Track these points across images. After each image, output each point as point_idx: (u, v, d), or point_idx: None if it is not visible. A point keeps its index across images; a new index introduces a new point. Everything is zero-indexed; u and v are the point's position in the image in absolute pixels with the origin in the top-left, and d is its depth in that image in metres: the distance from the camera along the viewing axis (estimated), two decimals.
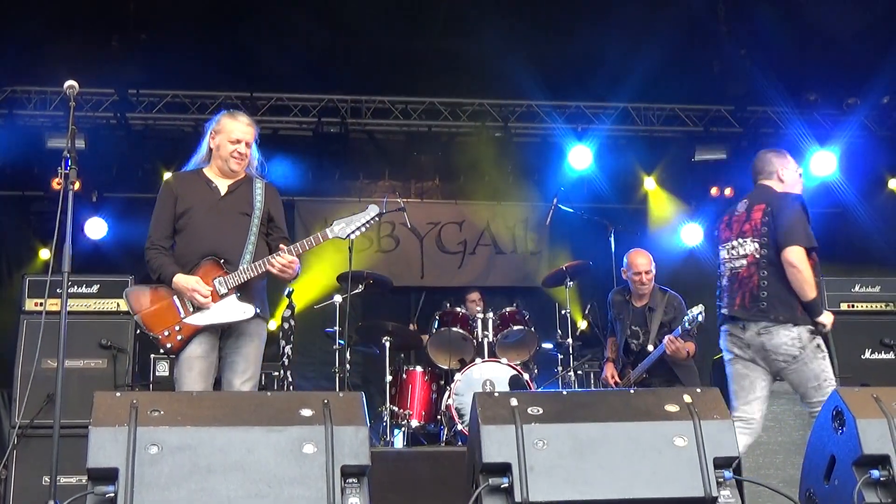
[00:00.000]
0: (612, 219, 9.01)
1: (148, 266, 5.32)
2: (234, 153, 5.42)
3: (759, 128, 11.45)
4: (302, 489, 3.59)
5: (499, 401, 3.98)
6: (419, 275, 11.82)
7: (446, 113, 11.28)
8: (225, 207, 5.40)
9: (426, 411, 8.71)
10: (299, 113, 11.04)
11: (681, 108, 11.41)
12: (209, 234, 5.31)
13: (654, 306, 7.56)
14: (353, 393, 4.07)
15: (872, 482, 3.98)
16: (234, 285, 5.23)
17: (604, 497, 3.78)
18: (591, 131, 11.20)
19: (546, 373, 9.39)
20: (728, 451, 3.94)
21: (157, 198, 5.47)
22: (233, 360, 5.28)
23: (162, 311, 5.22)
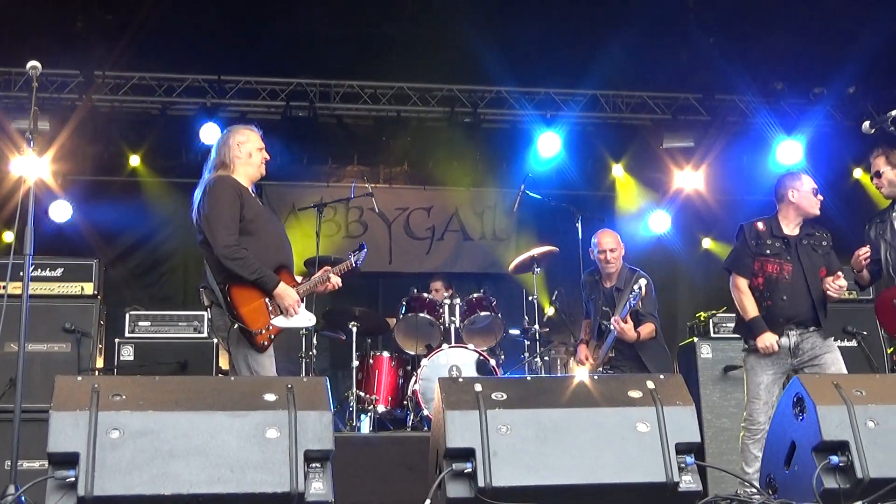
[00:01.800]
0: (580, 206, 9.02)
1: (238, 262, 5.35)
2: (262, 159, 5.75)
3: (727, 116, 11.50)
4: (265, 474, 3.59)
5: (463, 386, 4.00)
6: (387, 260, 11.80)
7: (416, 98, 11.24)
8: (272, 219, 5.83)
9: (392, 396, 8.72)
10: (267, 97, 10.96)
11: (649, 95, 11.44)
12: (276, 244, 5.62)
13: (622, 286, 7.51)
14: (317, 378, 4.07)
15: (831, 468, 4.03)
16: (305, 294, 5.62)
17: (566, 482, 3.80)
18: (560, 118, 11.19)
19: (513, 359, 9.41)
20: (690, 436, 3.97)
21: (223, 195, 5.47)
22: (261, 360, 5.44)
23: (258, 310, 5.41)
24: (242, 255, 5.36)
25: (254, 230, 5.48)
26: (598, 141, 11.78)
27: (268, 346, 5.38)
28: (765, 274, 6.29)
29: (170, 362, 7.78)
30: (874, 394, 4.22)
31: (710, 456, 7.76)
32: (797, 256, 6.28)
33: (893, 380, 5.25)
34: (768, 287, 6.27)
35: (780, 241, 6.34)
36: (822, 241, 6.43)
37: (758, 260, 6.34)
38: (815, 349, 6.17)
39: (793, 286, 6.23)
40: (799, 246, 6.33)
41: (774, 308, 6.23)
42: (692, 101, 11.45)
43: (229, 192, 5.47)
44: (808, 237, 6.39)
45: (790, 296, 6.21)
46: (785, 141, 11.14)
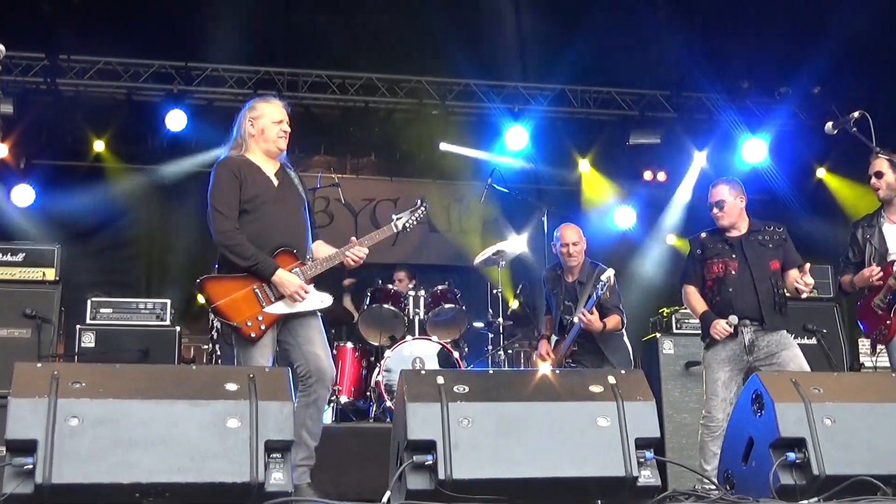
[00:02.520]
0: (546, 200, 9.07)
1: (233, 248, 5.20)
2: (280, 133, 5.44)
3: (694, 114, 11.59)
4: (225, 463, 3.57)
5: (425, 378, 4.00)
6: None
7: (384, 89, 11.23)
8: (284, 198, 5.43)
9: (356, 387, 8.71)
10: (235, 84, 10.90)
11: (617, 91, 11.49)
12: (278, 224, 5.34)
13: (584, 280, 7.48)
14: (279, 368, 4.07)
15: (788, 464, 4.07)
16: (313, 276, 5.34)
17: (527, 476, 3.81)
18: (528, 112, 11.23)
19: (476, 351, 9.43)
20: (649, 432, 3.99)
21: (220, 178, 5.32)
22: (308, 334, 5.33)
23: (241, 300, 5.21)
24: (236, 241, 5.21)
25: (252, 210, 5.28)
26: (565, 135, 11.82)
27: (259, 337, 5.18)
28: (712, 275, 6.44)
29: (131, 350, 7.73)
30: (832, 392, 4.26)
31: (671, 451, 7.82)
32: (742, 252, 6.38)
33: (851, 378, 5.33)
34: (716, 285, 6.41)
35: (722, 243, 6.47)
36: (775, 236, 6.48)
37: (705, 265, 6.50)
38: (770, 346, 6.21)
39: (739, 280, 6.32)
40: (744, 242, 6.42)
41: (723, 302, 6.33)
42: (659, 97, 11.53)
43: (225, 175, 5.31)
44: (756, 233, 6.47)
45: (736, 288, 6.31)
46: (750, 139, 11.24)
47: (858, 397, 4.27)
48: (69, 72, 10.54)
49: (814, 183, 11.97)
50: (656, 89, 11.48)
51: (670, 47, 10.28)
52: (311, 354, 5.28)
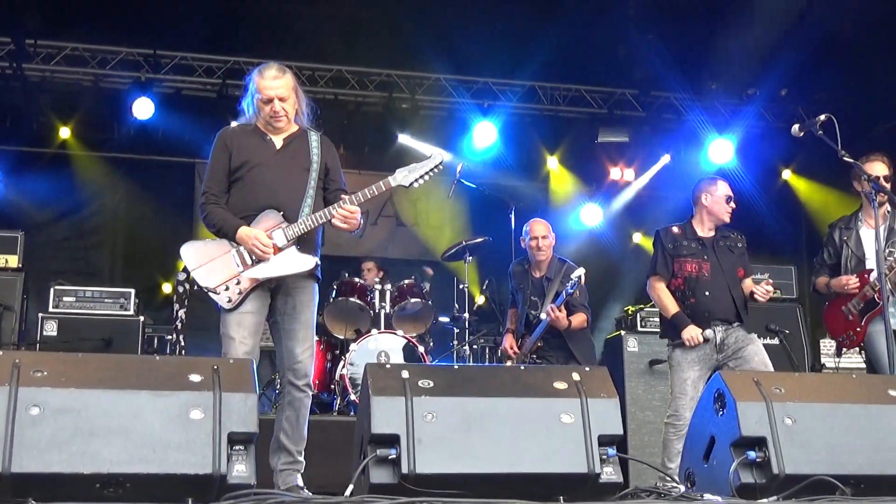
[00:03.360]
0: (514, 196, 9.08)
1: (205, 220, 5.17)
2: (271, 113, 5.19)
3: (662, 113, 11.66)
4: (187, 455, 3.54)
5: (390, 372, 3.99)
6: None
7: (353, 82, 11.21)
8: (282, 161, 5.22)
9: (320, 380, 8.69)
10: (203, 73, 10.84)
11: (586, 89, 11.54)
12: (267, 187, 5.15)
13: (552, 276, 7.45)
14: (244, 359, 4.04)
15: (749, 463, 4.09)
16: (295, 236, 5.09)
17: (490, 471, 3.82)
18: (497, 108, 11.25)
19: (442, 346, 9.46)
20: (613, 429, 4.00)
21: (212, 151, 5.28)
22: (292, 327, 5.18)
23: (219, 265, 5.09)
24: (207, 212, 5.14)
25: (243, 176, 5.16)
26: (533, 132, 11.85)
27: (235, 305, 5.03)
28: (684, 274, 6.43)
29: (94, 339, 7.68)
30: (793, 391, 4.29)
31: (633, 448, 7.86)
32: (715, 255, 6.42)
33: (812, 378, 5.36)
34: (689, 286, 6.40)
35: (695, 242, 6.48)
36: (738, 244, 6.56)
37: (676, 261, 6.47)
38: (737, 342, 6.29)
39: (713, 283, 6.35)
40: (716, 246, 6.47)
41: (698, 305, 6.34)
42: (628, 96, 11.59)
43: (216, 146, 5.25)
44: (724, 238, 6.52)
45: (712, 292, 6.34)
46: (717, 140, 11.33)
47: (819, 397, 4.30)
48: (35, 57, 10.43)
49: (779, 184, 12.08)
50: (625, 88, 11.54)
51: (640, 47, 10.33)
52: (288, 351, 5.18)
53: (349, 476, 4.00)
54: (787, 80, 10.85)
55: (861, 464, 4.14)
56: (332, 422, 7.71)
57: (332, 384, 8.61)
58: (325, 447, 6.44)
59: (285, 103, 5.20)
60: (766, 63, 10.45)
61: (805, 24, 9.24)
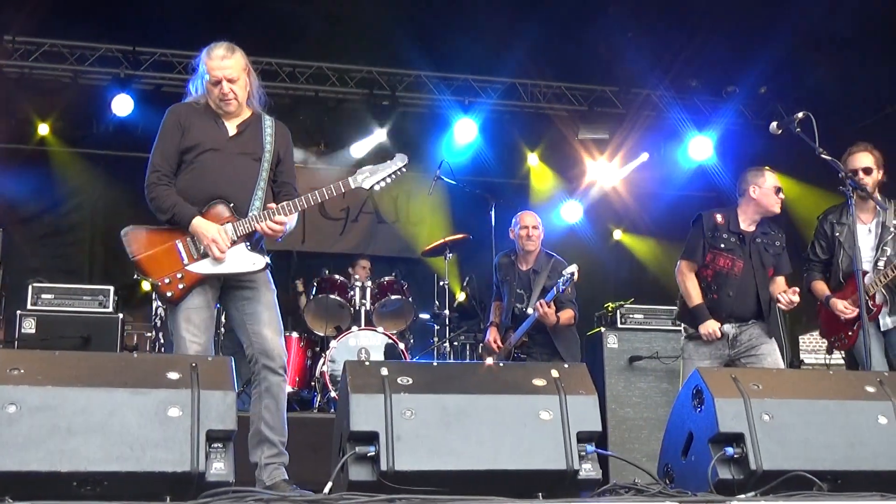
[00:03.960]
0: (494, 193, 9.06)
1: (153, 201, 4.87)
2: (220, 96, 4.93)
3: (642, 110, 11.67)
4: (165, 453, 3.54)
5: (369, 370, 4.00)
6: (300, 239, 11.72)
7: (334, 78, 11.18)
8: (235, 149, 4.95)
9: (300, 377, 8.70)
10: (183, 70, 10.73)
11: (566, 86, 11.55)
12: (218, 176, 4.89)
13: (539, 269, 7.40)
14: (222, 357, 4.03)
15: (727, 459, 4.13)
16: (246, 233, 4.86)
17: (468, 468, 3.83)
18: (478, 105, 11.25)
19: (422, 343, 9.47)
20: (591, 425, 4.02)
21: (162, 127, 4.98)
22: (253, 310, 4.91)
23: (162, 255, 4.83)
24: (157, 193, 4.85)
25: (192, 158, 4.89)
26: (514, 129, 11.87)
27: (177, 298, 4.78)
28: (716, 267, 6.30)
29: (73, 337, 7.64)
30: (770, 388, 4.33)
31: (613, 445, 7.87)
32: (749, 254, 6.27)
33: (789, 375, 5.40)
34: (716, 280, 6.29)
35: (735, 237, 6.31)
36: (776, 242, 6.40)
37: (710, 252, 6.32)
38: (752, 340, 6.24)
39: (741, 283, 6.24)
40: (752, 244, 6.31)
41: (720, 302, 6.26)
42: (608, 93, 11.60)
43: (168, 122, 4.97)
44: (763, 235, 6.36)
45: (736, 292, 6.24)
46: (696, 137, 11.37)
47: (796, 394, 4.34)
48: (14, 53, 10.36)
49: None
50: (605, 85, 11.55)
51: (620, 44, 10.35)
52: (256, 335, 4.87)
53: (329, 473, 4.00)
54: (767, 77, 10.89)
55: (837, 459, 4.18)
56: (312, 419, 7.71)
57: (312, 381, 8.62)
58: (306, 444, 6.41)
59: (235, 85, 4.95)
60: (746, 60, 10.49)
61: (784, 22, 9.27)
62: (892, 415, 4.31)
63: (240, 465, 3.85)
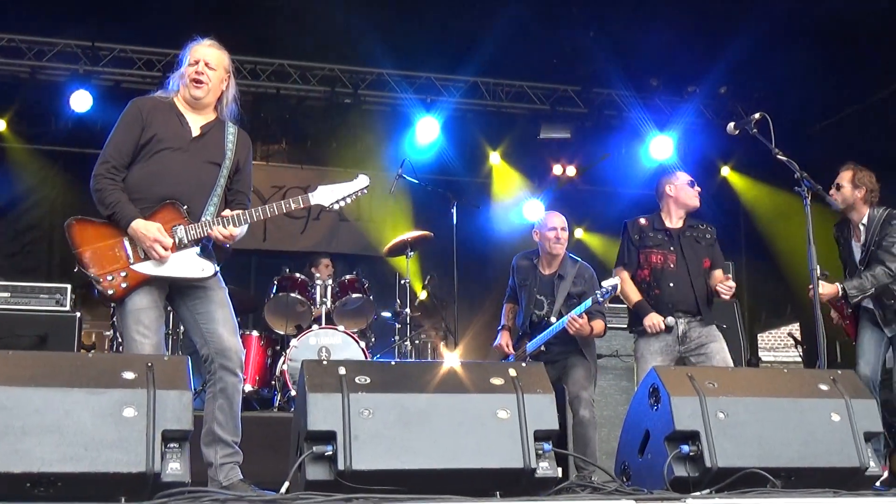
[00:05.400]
0: (456, 191, 9.10)
1: (97, 193, 4.75)
2: (193, 74, 4.91)
3: (604, 109, 11.73)
4: (120, 453, 3.52)
5: (327, 369, 3.99)
6: (261, 238, 11.68)
7: (296, 76, 11.14)
8: (196, 150, 4.89)
9: (260, 376, 8.66)
10: (143, 66, 10.70)
11: (528, 85, 11.57)
12: (174, 176, 4.80)
13: (564, 274, 6.92)
14: (179, 357, 4.01)
15: (682, 456, 4.17)
16: (197, 238, 4.78)
17: (426, 467, 3.83)
18: (440, 103, 11.25)
19: (383, 342, 9.46)
20: (548, 424, 4.04)
21: (121, 118, 4.89)
22: (206, 309, 4.83)
23: (107, 250, 4.69)
24: (102, 186, 4.74)
25: (148, 154, 4.79)
26: (476, 128, 11.88)
27: (118, 297, 4.66)
28: (650, 265, 6.51)
29: (29, 335, 7.55)
30: (726, 386, 4.37)
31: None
32: (680, 247, 6.50)
33: (745, 373, 5.46)
34: (654, 277, 6.49)
35: (662, 234, 6.56)
36: (706, 234, 6.66)
37: (642, 252, 6.55)
38: (701, 338, 6.39)
39: (677, 275, 6.46)
40: (682, 237, 6.55)
41: (662, 296, 6.44)
42: (570, 93, 11.64)
43: (128, 115, 4.89)
44: (692, 229, 6.61)
45: (676, 283, 6.44)
46: (657, 136, 11.44)
47: (751, 392, 4.39)
48: None
49: (718, 181, 12.22)
50: (567, 85, 11.59)
51: (582, 44, 10.39)
52: (210, 334, 4.80)
53: (288, 473, 3.99)
54: (727, 77, 10.98)
55: (791, 457, 4.24)
56: (272, 417, 7.69)
57: (272, 380, 8.59)
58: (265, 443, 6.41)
59: (211, 72, 4.97)
60: (706, 61, 10.56)
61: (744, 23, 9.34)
62: (844, 412, 4.37)
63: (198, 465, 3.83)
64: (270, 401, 8.55)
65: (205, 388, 4.91)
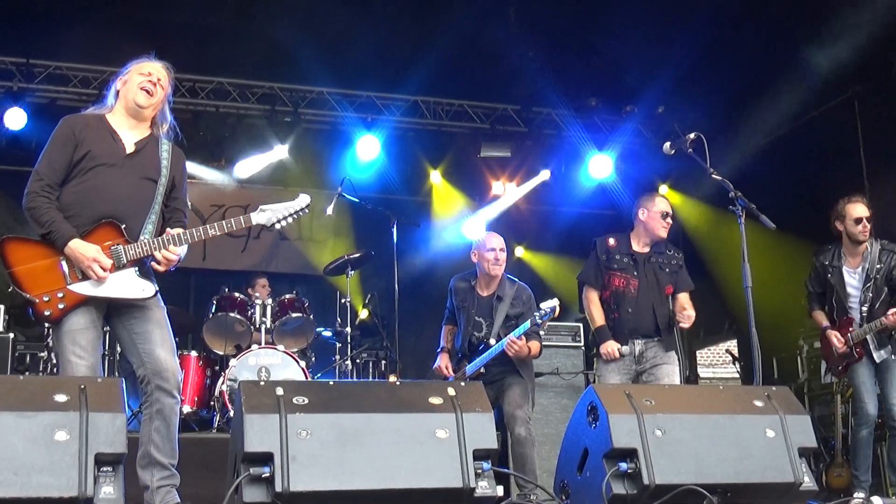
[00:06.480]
0: (397, 210, 9.09)
1: (31, 211, 4.63)
2: (143, 84, 4.86)
3: (543, 128, 11.80)
4: (52, 478, 3.45)
5: (264, 389, 3.96)
6: (201, 257, 11.56)
7: (235, 94, 11.06)
8: (131, 166, 4.78)
9: (199, 397, 8.57)
10: (79, 84, 10.55)
11: (469, 104, 11.60)
12: (110, 192, 4.69)
13: (503, 296, 6.84)
14: (112, 379, 3.96)
15: (620, 474, 4.19)
16: (136, 258, 4.68)
17: (364, 487, 3.81)
18: (381, 122, 11.24)
19: (324, 361, 9.41)
20: (487, 443, 4.04)
21: (53, 136, 4.76)
22: (143, 329, 4.72)
23: (43, 270, 4.57)
24: (36, 204, 4.61)
25: (83, 171, 4.68)
26: (417, 146, 11.89)
27: (56, 318, 4.54)
28: (612, 288, 6.63)
29: None
30: (663, 403, 4.41)
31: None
32: (643, 273, 6.60)
33: (681, 390, 5.51)
34: (615, 300, 6.61)
35: (628, 258, 6.65)
36: (672, 261, 6.72)
37: (606, 274, 6.66)
38: (656, 358, 6.53)
39: (637, 301, 6.56)
40: (646, 263, 6.64)
41: (621, 320, 6.57)
42: (510, 112, 11.70)
43: (61, 133, 4.76)
44: (659, 255, 6.69)
45: (635, 309, 6.55)
46: (596, 155, 11.54)
47: (688, 408, 4.43)
48: None
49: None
50: (507, 104, 11.65)
51: (521, 63, 10.46)
52: (147, 354, 4.69)
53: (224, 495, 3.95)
54: (664, 97, 11.10)
55: (727, 473, 4.27)
56: (211, 439, 7.60)
57: (211, 401, 8.50)
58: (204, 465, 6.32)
59: (161, 89, 4.97)
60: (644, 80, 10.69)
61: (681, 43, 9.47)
62: (779, 428, 4.42)
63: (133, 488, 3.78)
64: (209, 422, 8.46)
65: (142, 409, 4.81)
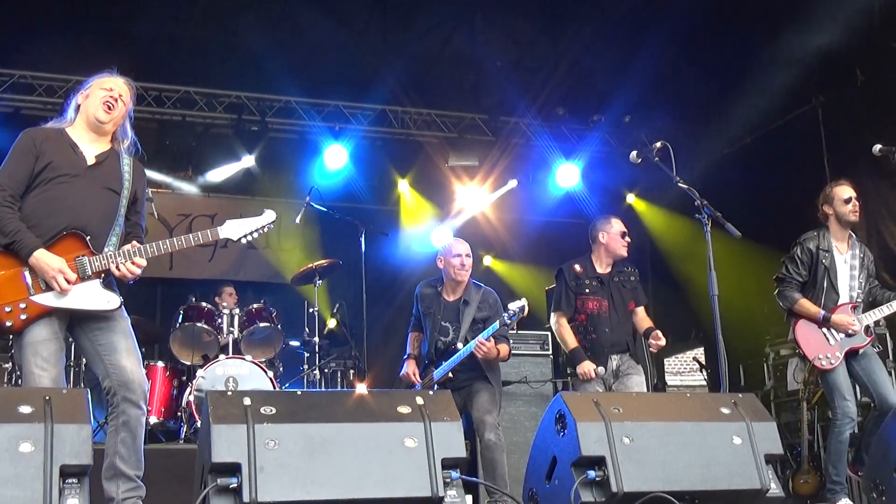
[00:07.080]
0: (365, 219, 9.07)
1: None
2: (105, 98, 4.85)
3: (511, 138, 11.84)
4: (16, 490, 3.42)
5: (231, 400, 3.94)
6: (167, 266, 11.50)
7: (202, 103, 11.00)
8: (93, 178, 4.77)
9: (166, 408, 8.51)
10: (44, 93, 10.46)
11: (436, 113, 11.62)
12: (74, 205, 4.67)
13: (469, 300, 6.89)
14: (77, 390, 3.93)
15: (589, 482, 4.20)
16: (101, 269, 4.66)
17: (333, 497, 3.80)
18: (348, 131, 11.23)
19: (292, 371, 9.37)
20: (456, 452, 4.04)
21: (13, 148, 4.73)
22: (108, 339, 4.69)
23: (5, 280, 4.52)
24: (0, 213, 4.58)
25: (44, 182, 4.65)
26: (384, 155, 11.89)
27: (18, 329, 4.50)
28: (587, 311, 6.82)
29: None
30: (631, 411, 4.43)
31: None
32: (610, 293, 6.85)
33: (649, 398, 5.52)
34: (591, 322, 6.80)
35: (596, 280, 6.88)
36: (631, 277, 7.01)
37: (579, 299, 6.85)
38: (627, 369, 6.78)
39: (611, 319, 6.81)
40: (611, 283, 6.90)
41: (599, 339, 6.77)
42: (478, 121, 11.73)
43: (21, 144, 4.73)
44: (619, 274, 6.96)
45: (611, 328, 6.80)
46: (564, 164, 11.59)
47: (655, 416, 4.44)
48: None
49: (624, 207, 12.39)
50: (475, 113, 11.68)
51: (489, 73, 10.50)
52: (113, 365, 4.64)
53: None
54: (630, 106, 11.17)
55: (695, 480, 4.29)
56: (177, 450, 7.53)
57: (178, 411, 8.44)
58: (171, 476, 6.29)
59: (122, 104, 4.95)
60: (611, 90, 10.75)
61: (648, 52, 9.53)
62: (745, 435, 4.45)
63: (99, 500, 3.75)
64: (176, 433, 8.40)
65: (108, 420, 4.77)
